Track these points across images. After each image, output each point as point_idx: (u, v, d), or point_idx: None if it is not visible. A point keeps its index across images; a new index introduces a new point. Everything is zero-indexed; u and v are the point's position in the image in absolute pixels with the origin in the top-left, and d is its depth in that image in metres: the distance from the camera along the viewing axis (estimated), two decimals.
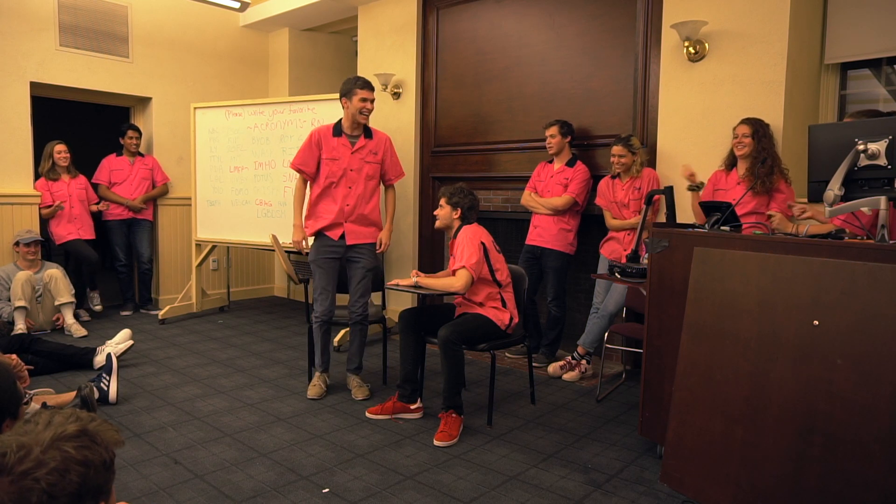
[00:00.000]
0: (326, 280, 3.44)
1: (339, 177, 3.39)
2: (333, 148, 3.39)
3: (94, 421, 1.08)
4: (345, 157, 3.39)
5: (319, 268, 3.45)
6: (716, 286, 2.17)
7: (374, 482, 2.48)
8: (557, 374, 3.92)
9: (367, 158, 3.43)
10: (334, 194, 3.41)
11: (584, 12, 4.25)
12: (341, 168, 3.38)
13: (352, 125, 3.40)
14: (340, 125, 3.42)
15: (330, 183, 3.40)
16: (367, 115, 3.38)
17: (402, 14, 5.29)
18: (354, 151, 3.40)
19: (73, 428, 1.03)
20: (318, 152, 3.42)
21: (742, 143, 3.26)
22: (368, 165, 3.43)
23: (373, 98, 3.36)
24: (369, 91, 3.33)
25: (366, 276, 3.48)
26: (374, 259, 3.51)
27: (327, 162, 3.39)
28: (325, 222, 3.41)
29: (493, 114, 4.82)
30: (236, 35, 6.33)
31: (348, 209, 3.40)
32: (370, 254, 3.49)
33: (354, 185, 3.40)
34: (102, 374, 3.32)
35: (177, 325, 5.21)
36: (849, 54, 3.57)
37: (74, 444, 1.01)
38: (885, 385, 1.72)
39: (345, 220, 3.41)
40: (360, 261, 3.46)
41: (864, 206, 2.08)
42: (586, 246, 4.24)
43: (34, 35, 5.05)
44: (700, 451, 2.15)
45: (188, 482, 2.46)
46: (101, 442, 1.05)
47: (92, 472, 1.01)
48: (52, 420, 1.04)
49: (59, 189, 5.15)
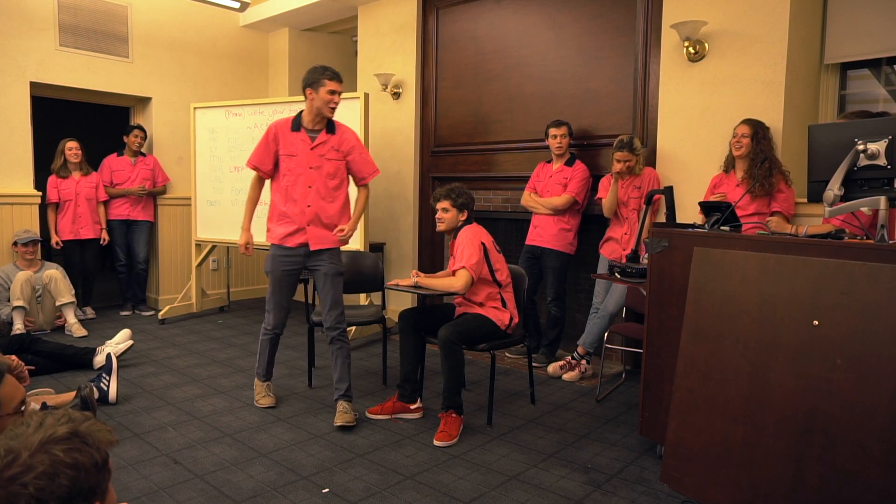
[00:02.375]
0: (281, 295, 3.20)
1: (297, 175, 3.08)
2: (291, 143, 3.09)
3: (86, 421, 1.06)
4: (303, 152, 3.07)
5: (275, 281, 3.19)
6: (716, 286, 2.17)
7: (374, 482, 2.48)
8: (557, 374, 3.92)
9: (329, 155, 3.10)
10: (293, 194, 3.09)
11: (584, 12, 4.25)
12: (299, 165, 3.07)
13: (314, 119, 3.08)
14: (300, 118, 3.12)
15: (289, 181, 3.10)
16: (334, 110, 3.08)
17: (402, 14, 5.29)
18: (314, 147, 3.08)
19: (64, 430, 1.01)
20: (275, 148, 3.13)
21: (740, 144, 3.27)
22: (330, 163, 3.10)
23: (341, 91, 3.07)
24: (338, 83, 3.04)
25: (332, 284, 3.16)
26: (337, 264, 3.19)
27: (284, 158, 3.10)
28: (287, 230, 3.11)
29: (493, 114, 4.82)
30: (236, 35, 6.33)
31: (309, 211, 3.08)
32: (333, 258, 3.17)
33: (315, 184, 3.08)
34: (102, 374, 3.33)
35: (177, 325, 5.21)
36: (849, 54, 3.57)
37: (64, 446, 0.99)
38: (885, 385, 1.72)
39: (307, 224, 3.09)
40: (321, 267, 3.14)
41: (864, 206, 2.08)
42: (586, 246, 4.24)
43: (34, 35, 5.05)
44: (700, 451, 2.15)
45: (188, 482, 2.46)
46: (93, 443, 1.03)
47: (83, 474, 0.99)
48: (44, 422, 1.03)
49: (67, 187, 5.16)
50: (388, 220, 5.49)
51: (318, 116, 3.08)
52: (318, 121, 3.10)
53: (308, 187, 3.08)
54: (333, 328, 3.17)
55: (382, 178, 5.47)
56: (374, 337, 4.75)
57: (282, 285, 3.20)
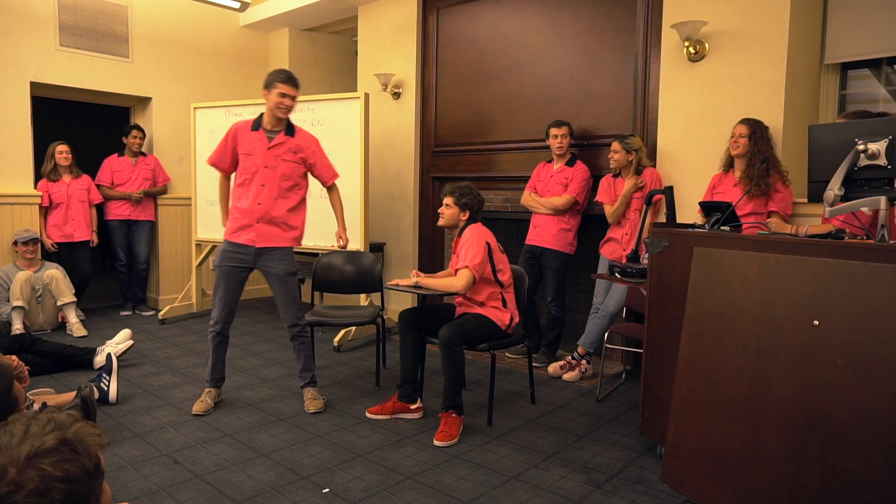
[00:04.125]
0: (225, 291, 3.23)
1: (252, 173, 3.18)
2: (249, 142, 3.20)
3: (74, 425, 1.01)
4: (259, 152, 3.17)
5: (222, 276, 3.22)
6: (716, 286, 2.17)
7: (374, 482, 2.48)
8: (557, 374, 3.92)
9: (285, 156, 3.19)
10: (247, 192, 3.19)
11: (584, 12, 4.25)
12: (255, 164, 3.18)
13: (272, 120, 3.20)
14: (261, 119, 3.23)
15: (244, 179, 3.21)
16: (286, 112, 3.17)
17: (402, 14, 5.29)
18: (271, 147, 3.18)
19: (51, 440, 0.96)
20: (233, 146, 3.25)
21: (737, 143, 3.27)
22: (285, 164, 3.19)
23: (293, 95, 3.15)
24: (290, 87, 3.13)
25: (286, 284, 3.24)
26: (288, 263, 3.24)
27: (242, 157, 3.22)
28: (237, 225, 3.20)
29: (493, 114, 4.82)
30: (236, 35, 6.33)
31: (259, 209, 3.16)
32: (284, 258, 3.24)
33: (268, 184, 3.17)
34: (102, 374, 3.32)
35: (177, 325, 5.21)
36: (849, 54, 3.57)
37: (53, 458, 0.95)
38: (885, 385, 1.72)
39: (256, 221, 3.17)
40: (272, 268, 3.21)
41: (864, 206, 2.08)
42: (586, 246, 4.24)
43: (34, 35, 5.05)
44: (700, 451, 2.15)
45: (188, 482, 2.46)
46: (83, 450, 0.99)
47: (75, 485, 0.96)
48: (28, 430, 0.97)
49: (58, 190, 5.15)
50: (388, 220, 5.49)
51: (275, 118, 3.19)
52: (276, 122, 3.21)
53: (262, 186, 3.18)
54: (293, 325, 3.27)
55: (382, 178, 5.49)
56: (373, 337, 4.75)
57: (228, 281, 3.24)
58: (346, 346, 4.61)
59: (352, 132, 4.69)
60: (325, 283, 4.04)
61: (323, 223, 4.92)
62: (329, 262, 4.04)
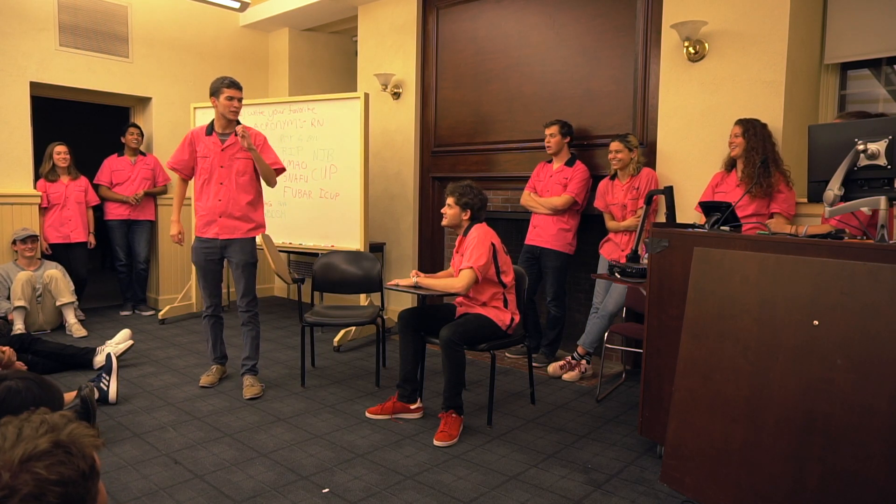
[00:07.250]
0: (204, 282, 3.61)
1: (210, 173, 3.50)
2: (205, 146, 3.50)
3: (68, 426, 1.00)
4: (214, 154, 3.47)
5: (199, 269, 3.63)
6: (716, 286, 2.17)
7: (374, 482, 2.48)
8: (557, 374, 3.92)
9: (238, 155, 3.49)
10: (208, 191, 3.51)
11: (584, 12, 4.25)
12: (212, 165, 3.48)
13: (222, 124, 3.49)
14: (213, 125, 3.53)
15: (204, 179, 3.52)
16: (235, 113, 3.46)
17: (402, 14, 5.29)
18: (224, 149, 3.47)
19: (45, 443, 0.95)
20: (191, 150, 3.54)
21: (734, 144, 3.28)
22: (239, 161, 3.49)
23: (240, 97, 3.44)
24: (236, 90, 3.42)
25: (244, 272, 3.55)
26: (248, 254, 3.55)
27: (200, 160, 3.52)
28: (203, 221, 3.53)
29: (493, 114, 4.82)
30: (236, 35, 6.33)
31: (220, 205, 3.49)
32: (244, 248, 3.54)
33: (226, 182, 3.49)
34: (102, 374, 3.32)
35: (177, 325, 5.21)
36: (849, 54, 3.57)
37: (47, 461, 0.93)
38: (885, 385, 1.72)
39: (218, 216, 3.49)
40: (233, 258, 3.53)
41: (864, 206, 2.08)
42: (586, 246, 4.24)
43: (34, 35, 5.05)
44: (700, 451, 2.15)
45: (188, 482, 2.46)
46: (77, 451, 0.98)
47: (70, 488, 0.94)
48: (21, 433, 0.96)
49: (56, 190, 5.15)
50: (388, 220, 5.49)
51: (225, 120, 3.48)
52: (226, 125, 3.50)
53: (220, 184, 3.50)
54: (245, 311, 3.60)
55: (382, 178, 5.49)
56: (373, 337, 4.75)
57: (205, 273, 3.60)
58: (345, 346, 4.61)
59: (352, 132, 4.69)
60: (325, 283, 4.04)
61: (323, 223, 4.93)
62: (329, 263, 4.04)
